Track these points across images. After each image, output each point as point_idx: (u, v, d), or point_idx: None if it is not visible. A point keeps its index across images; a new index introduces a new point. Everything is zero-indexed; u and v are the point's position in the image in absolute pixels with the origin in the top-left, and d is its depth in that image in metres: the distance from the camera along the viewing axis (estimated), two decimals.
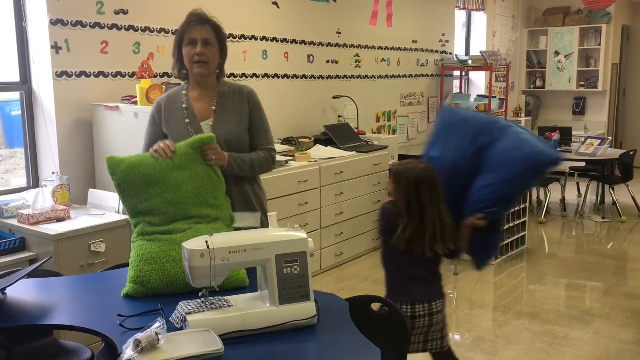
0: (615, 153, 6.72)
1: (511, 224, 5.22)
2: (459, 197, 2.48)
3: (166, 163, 2.22)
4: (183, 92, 2.55)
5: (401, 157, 6.07)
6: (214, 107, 2.51)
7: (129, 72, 4.03)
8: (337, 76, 5.89)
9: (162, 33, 4.21)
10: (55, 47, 3.63)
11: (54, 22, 3.61)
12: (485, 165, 2.44)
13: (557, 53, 9.24)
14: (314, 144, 5.18)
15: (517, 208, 5.27)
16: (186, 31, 2.45)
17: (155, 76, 4.16)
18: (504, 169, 2.41)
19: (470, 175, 2.47)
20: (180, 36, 2.47)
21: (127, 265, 2.36)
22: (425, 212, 2.40)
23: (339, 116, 5.92)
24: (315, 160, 4.75)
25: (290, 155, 4.68)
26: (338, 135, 5.39)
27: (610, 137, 7.90)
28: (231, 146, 2.45)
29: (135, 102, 3.63)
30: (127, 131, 3.57)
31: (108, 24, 3.88)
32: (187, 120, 2.48)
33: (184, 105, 2.51)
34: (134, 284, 2.07)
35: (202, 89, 2.54)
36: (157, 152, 2.23)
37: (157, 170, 2.21)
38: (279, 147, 4.76)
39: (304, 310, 1.81)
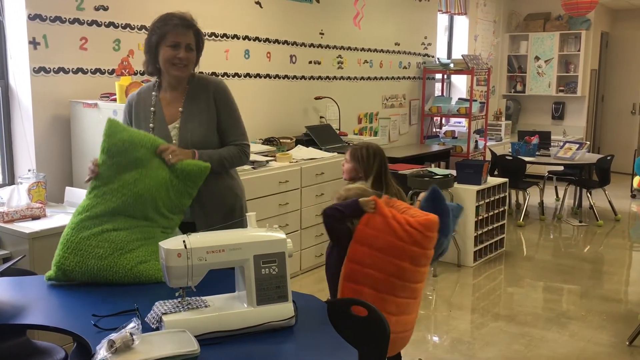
0: (593, 158, 6.81)
1: (490, 227, 5.27)
2: None
3: (157, 160, 2.23)
4: (153, 93, 2.53)
5: None
6: (180, 109, 2.48)
7: (108, 69, 3.98)
8: (319, 77, 5.89)
9: (143, 30, 4.17)
10: (33, 43, 3.57)
11: (32, 18, 3.55)
12: None
13: (537, 58, 9.34)
14: (296, 145, 5.17)
15: (496, 211, 5.31)
16: (169, 33, 2.42)
17: (135, 74, 4.12)
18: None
19: None
20: (160, 35, 2.43)
21: None
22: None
23: (321, 117, 5.92)
24: (297, 161, 4.74)
25: (272, 156, 4.66)
26: (320, 136, 5.39)
27: (588, 142, 8.03)
28: (198, 148, 2.43)
29: (115, 100, 3.59)
30: None
31: (88, 20, 3.83)
32: (151, 125, 2.47)
33: (152, 108, 2.50)
34: (57, 269, 2.12)
35: (173, 90, 2.51)
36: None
37: (146, 160, 2.20)
38: (260, 147, 4.75)
39: (282, 311, 1.80)
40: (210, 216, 2.50)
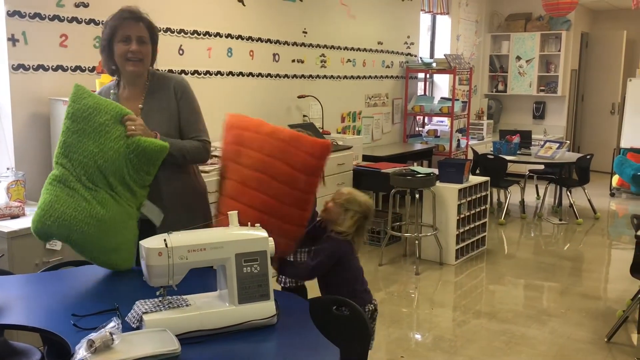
0: (572, 157, 6.89)
1: (472, 225, 5.31)
2: None
3: (120, 129, 2.22)
4: (112, 91, 2.49)
5: (365, 157, 6.11)
6: (140, 105, 2.44)
7: (89, 67, 3.94)
8: (302, 76, 5.89)
9: None
10: (12, 40, 3.52)
11: (11, 14, 3.50)
12: None
13: (518, 58, 9.43)
14: None
15: (478, 210, 5.35)
16: (119, 27, 2.38)
17: None
18: None
19: None
20: (112, 32, 2.40)
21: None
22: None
23: (304, 116, 5.92)
24: None
25: None
26: None
27: (568, 141, 8.12)
28: None
29: None
30: None
31: (68, 16, 3.79)
32: None
33: None
34: (37, 233, 2.18)
35: (132, 87, 2.48)
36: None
37: (108, 127, 2.20)
38: None
39: (263, 309, 1.80)
40: (172, 214, 2.42)
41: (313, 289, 2.78)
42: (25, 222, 3.07)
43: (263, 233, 1.86)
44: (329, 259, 2.50)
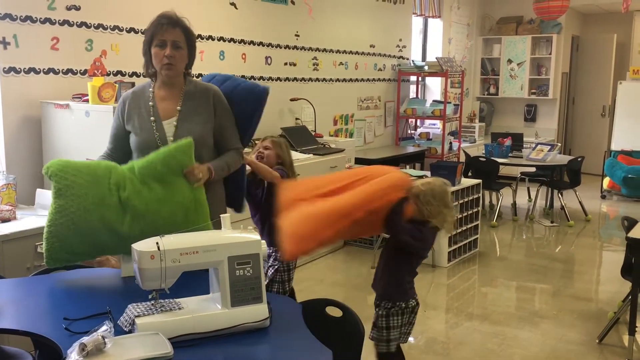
0: (564, 159, 6.93)
1: (464, 228, 5.32)
2: None
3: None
4: (150, 89, 2.56)
5: (358, 160, 6.12)
6: (179, 107, 2.52)
7: (80, 70, 3.93)
8: (295, 79, 5.89)
9: (117, 31, 4.13)
10: (3, 43, 3.51)
11: (2, 17, 3.49)
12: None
13: (510, 61, 9.48)
14: None
15: (470, 212, 5.37)
16: (156, 33, 2.46)
17: (108, 74, 4.08)
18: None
19: None
20: (150, 37, 2.48)
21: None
22: None
23: (297, 119, 5.92)
24: None
25: None
26: (295, 137, 5.38)
27: (559, 144, 8.16)
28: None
29: (87, 101, 3.54)
30: (77, 130, 3.48)
31: (59, 20, 3.78)
32: (152, 118, 2.50)
33: (150, 103, 2.52)
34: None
35: (169, 88, 2.55)
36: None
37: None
38: None
39: (256, 312, 1.80)
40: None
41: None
42: (16, 226, 3.06)
43: (255, 236, 1.86)
44: (421, 243, 2.59)
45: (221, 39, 5.01)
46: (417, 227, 2.55)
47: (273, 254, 3.08)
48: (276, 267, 3.17)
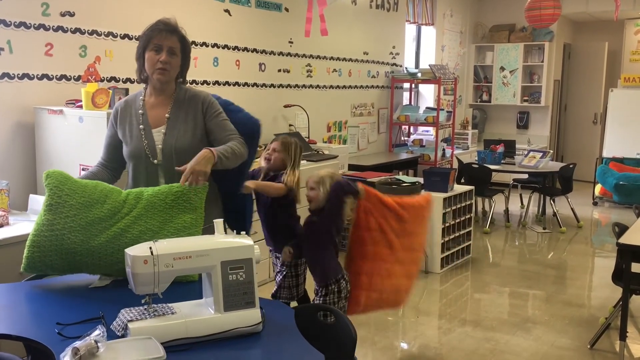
0: (556, 166, 6.97)
1: (457, 234, 5.34)
2: None
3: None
4: (140, 97, 2.56)
5: (351, 167, 6.14)
6: (167, 115, 2.50)
7: (74, 76, 3.93)
8: (288, 85, 5.91)
9: (110, 37, 4.14)
10: None
11: None
12: None
13: (502, 69, 9.54)
14: None
15: (463, 218, 5.39)
16: (153, 37, 2.46)
17: (102, 80, 4.08)
18: None
19: None
20: (146, 41, 2.47)
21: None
22: None
23: (290, 125, 5.94)
24: None
25: None
26: None
27: (551, 151, 8.21)
28: (180, 155, 2.42)
29: (81, 107, 3.55)
30: (71, 136, 3.48)
31: (54, 25, 3.79)
32: (141, 126, 2.48)
33: (140, 111, 2.51)
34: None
35: (158, 95, 2.53)
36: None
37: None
38: None
39: (249, 317, 1.80)
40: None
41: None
42: (8, 231, 3.05)
43: (249, 241, 1.87)
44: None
45: (215, 45, 5.03)
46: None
47: (281, 261, 3.18)
48: (284, 273, 3.16)
